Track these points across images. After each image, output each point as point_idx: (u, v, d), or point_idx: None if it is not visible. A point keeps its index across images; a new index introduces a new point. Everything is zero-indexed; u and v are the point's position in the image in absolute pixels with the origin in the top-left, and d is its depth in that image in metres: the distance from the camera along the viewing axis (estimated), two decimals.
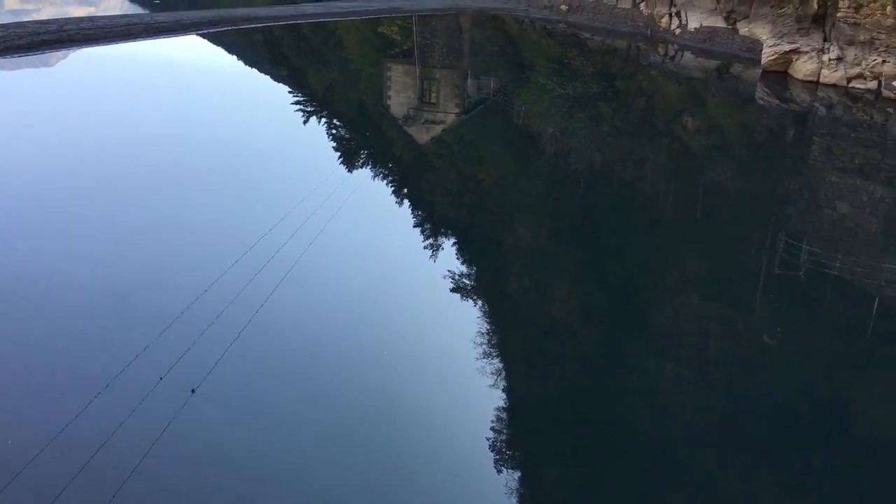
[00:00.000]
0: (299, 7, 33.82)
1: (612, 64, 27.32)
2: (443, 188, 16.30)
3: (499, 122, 20.95)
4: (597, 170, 16.99)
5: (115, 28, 25.95)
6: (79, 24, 25.87)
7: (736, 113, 21.50)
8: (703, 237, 13.60)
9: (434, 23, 34.05)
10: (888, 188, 15.31)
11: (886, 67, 20.24)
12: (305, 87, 24.33)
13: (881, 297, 11.05)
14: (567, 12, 32.92)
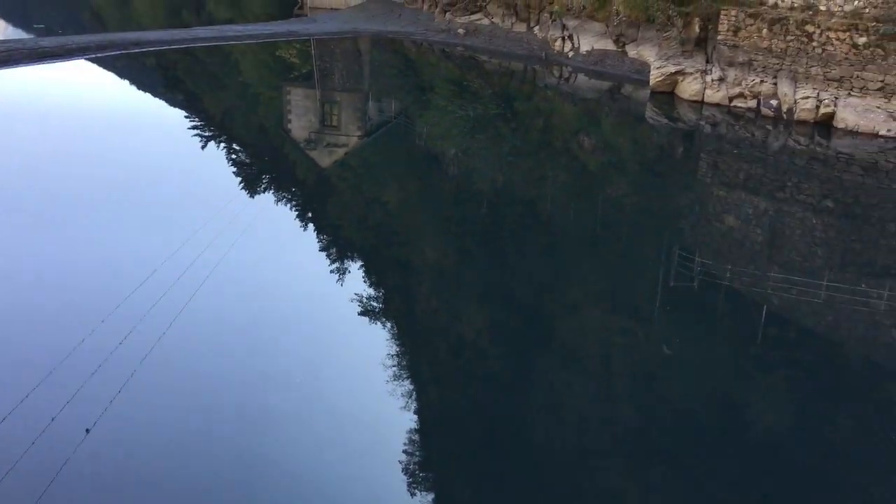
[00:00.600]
0: (192, 31, 33.15)
1: (510, 85, 27.97)
2: (347, 211, 16.26)
3: (401, 143, 21.10)
4: (499, 189, 17.33)
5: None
6: None
7: (628, 132, 22.37)
8: (603, 252, 14.06)
9: (333, 46, 34.03)
10: (770, 201, 16.24)
11: (764, 87, 21.51)
12: (202, 112, 23.83)
13: (769, 305, 11.69)
14: (465, 35, 33.54)
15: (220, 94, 26.09)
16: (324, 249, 13.94)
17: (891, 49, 18.92)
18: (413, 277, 13.26)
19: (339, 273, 12.89)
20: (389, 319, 11.55)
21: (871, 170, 17.55)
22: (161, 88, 26.13)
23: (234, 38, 32.69)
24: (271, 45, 32.76)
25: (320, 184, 18.00)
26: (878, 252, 13.62)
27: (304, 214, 15.74)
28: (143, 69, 28.32)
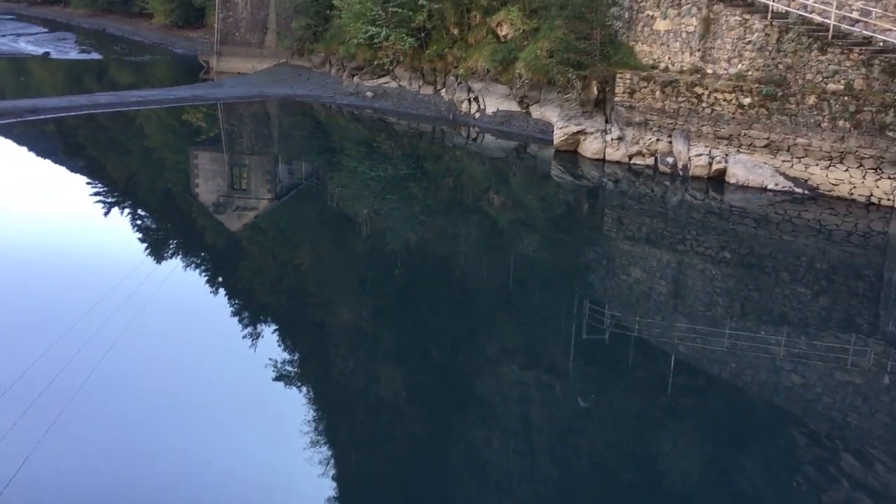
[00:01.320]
0: (93, 97, 32.49)
1: (419, 146, 28.45)
2: (259, 274, 16.05)
3: (313, 205, 21.09)
4: (412, 248, 17.47)
5: None
6: None
7: (535, 189, 23.01)
8: (516, 308, 14.30)
9: (241, 110, 33.93)
10: (673, 253, 16.94)
11: (660, 145, 22.60)
12: (105, 178, 23.23)
13: (676, 354, 12.11)
14: (373, 98, 34.02)
15: (123, 160, 25.53)
16: (236, 314, 13.69)
17: (773, 109, 20.26)
18: (329, 339, 13.14)
19: (252, 338, 12.66)
20: (305, 383, 11.39)
21: (763, 222, 18.57)
22: (61, 155, 25.38)
23: (137, 103, 32.20)
24: (177, 109, 32.41)
25: (230, 248, 17.73)
26: (774, 300, 14.35)
27: (214, 279, 15.45)
28: (41, 136, 27.48)
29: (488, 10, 31.07)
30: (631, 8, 25.24)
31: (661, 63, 23.93)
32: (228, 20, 43.25)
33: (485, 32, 31.19)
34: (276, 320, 13.55)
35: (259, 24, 43.06)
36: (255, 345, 12.39)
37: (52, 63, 47.60)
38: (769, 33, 20.67)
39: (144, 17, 69.01)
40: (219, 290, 14.92)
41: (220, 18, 43.20)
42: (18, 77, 42.61)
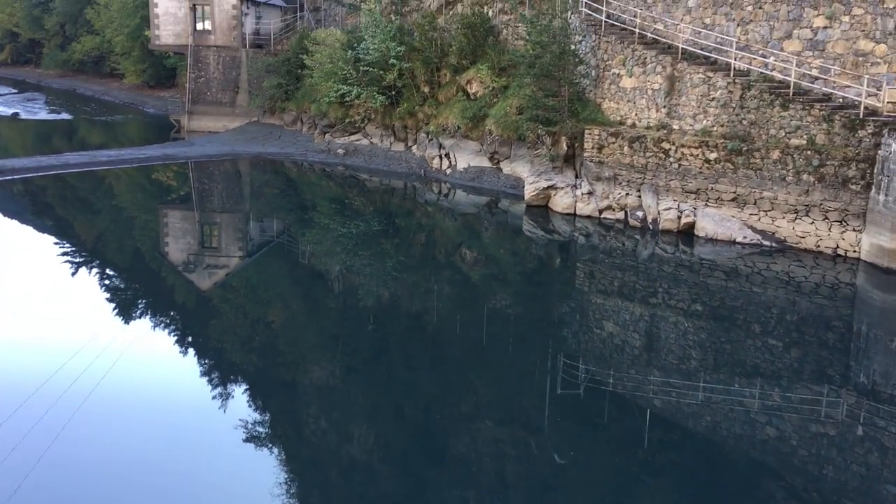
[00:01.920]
0: (61, 156, 32.30)
1: (391, 202, 28.56)
2: (230, 333, 15.81)
3: (284, 263, 20.95)
4: (385, 304, 17.37)
5: None
6: None
7: (508, 244, 23.12)
8: (490, 363, 14.19)
9: (212, 168, 33.91)
10: (645, 307, 17.01)
11: (630, 199, 22.91)
12: (73, 237, 22.94)
13: (651, 408, 12.06)
14: (344, 155, 34.22)
15: (92, 219, 25.28)
16: (206, 374, 13.43)
17: (739, 163, 20.69)
18: (301, 399, 12.91)
19: (222, 398, 12.40)
20: (277, 444, 11.14)
21: (733, 274, 18.77)
22: (28, 216, 25.07)
23: (107, 162, 32.08)
24: (147, 168, 32.33)
25: (200, 306, 17.49)
26: (747, 352, 14.41)
27: (183, 338, 15.19)
28: (8, 197, 27.16)
29: (458, 69, 31.65)
30: (598, 66, 25.84)
31: (629, 119, 24.42)
32: (200, 80, 43.53)
33: (455, 90, 31.70)
34: (248, 379, 13.31)
35: (231, 84, 43.38)
36: (226, 405, 12.14)
37: (20, 123, 47.42)
38: (732, 90, 21.24)
39: (115, 78, 69.32)
40: (189, 349, 14.66)
41: (192, 78, 43.48)
42: None
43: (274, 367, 14.13)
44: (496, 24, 32.23)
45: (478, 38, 31.22)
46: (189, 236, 23.67)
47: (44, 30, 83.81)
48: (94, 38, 70.54)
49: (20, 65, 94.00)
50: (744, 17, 21.92)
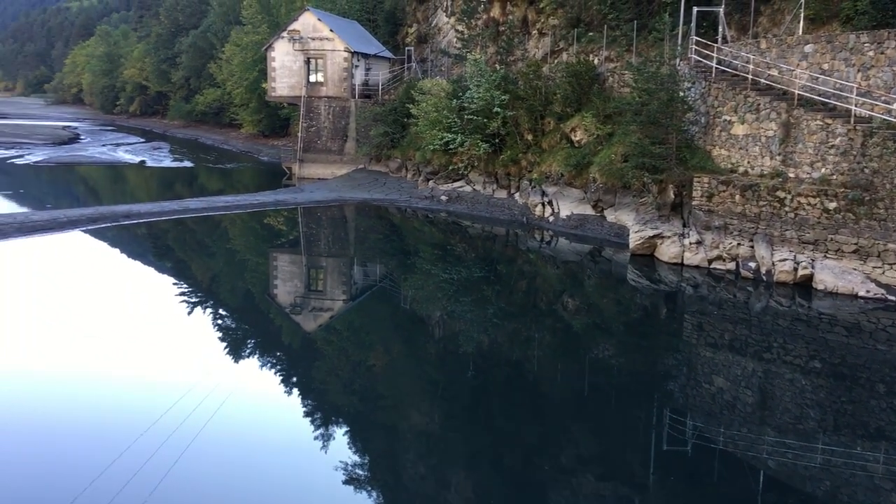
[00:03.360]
0: (182, 202, 34.03)
1: (493, 249, 28.57)
2: (333, 375, 16.03)
3: (387, 307, 21.18)
4: (485, 351, 17.24)
5: None
6: None
7: (611, 293, 22.64)
8: (592, 415, 13.80)
9: (319, 214, 34.94)
10: (758, 362, 16.21)
11: (741, 250, 22.07)
12: (190, 279, 23.98)
13: (765, 469, 11.38)
14: (447, 202, 34.61)
15: (207, 262, 26.39)
16: (308, 415, 13.62)
17: (861, 213, 19.65)
18: (399, 443, 12.88)
19: (323, 439, 12.52)
20: (376, 487, 11.11)
21: (855, 330, 17.70)
22: (150, 257, 26.44)
23: (223, 207, 33.55)
24: (260, 213, 33.60)
25: (305, 348, 17.86)
26: (871, 413, 13.46)
27: (288, 379, 15.49)
28: (133, 239, 28.76)
29: (562, 117, 31.64)
30: (707, 113, 25.28)
31: (740, 167, 23.69)
32: (311, 129, 45.23)
33: (559, 138, 31.68)
34: (348, 421, 13.41)
35: (340, 133, 44.86)
36: (327, 446, 12.24)
37: (147, 171, 50.38)
38: (853, 138, 20.30)
39: (234, 127, 73.02)
40: (293, 389, 14.93)
41: (304, 127, 45.23)
42: (115, 184, 45.15)
43: (374, 410, 14.18)
44: (601, 71, 32.16)
45: (583, 86, 31.20)
46: (296, 279, 24.33)
47: (170, 83, 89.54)
48: (215, 91, 74.76)
49: (148, 116, 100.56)
50: (864, 62, 21.01)
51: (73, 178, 46.89)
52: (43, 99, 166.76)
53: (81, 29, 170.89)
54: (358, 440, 12.68)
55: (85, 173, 48.74)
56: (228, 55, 66.94)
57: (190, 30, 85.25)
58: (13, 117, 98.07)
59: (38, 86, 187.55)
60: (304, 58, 44.94)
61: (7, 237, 24.97)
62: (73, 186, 44.06)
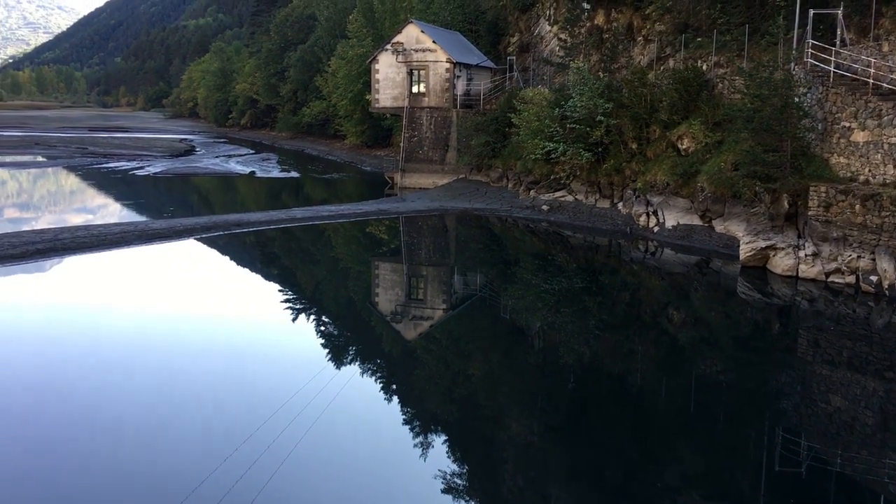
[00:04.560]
0: (290, 211, 35.07)
1: (595, 259, 28.08)
2: (432, 384, 16.08)
3: (486, 317, 21.11)
4: (586, 363, 16.92)
5: (110, 235, 26.66)
6: (74, 233, 26.57)
7: (720, 306, 21.83)
8: (699, 432, 13.29)
9: (420, 223, 35.28)
10: (880, 381, 15.25)
11: (862, 262, 20.86)
12: (295, 286, 24.65)
13: (885, 494, 10.65)
14: (549, 211, 34.29)
15: (312, 269, 27.05)
16: (408, 423, 13.68)
17: None
18: (499, 454, 12.76)
19: (422, 447, 12.53)
20: (474, 497, 11.03)
21: None
22: (259, 264, 27.34)
23: (328, 217, 34.37)
24: (363, 222, 34.24)
25: (405, 356, 17.99)
26: None
27: (388, 386, 15.63)
28: (243, 247, 29.82)
29: (668, 125, 30.87)
30: (824, 119, 24.11)
31: (861, 175, 22.44)
32: (413, 139, 45.81)
33: (664, 146, 30.91)
34: (447, 431, 13.39)
35: (441, 143, 45.24)
36: (426, 454, 12.25)
37: (256, 181, 52.24)
38: None
39: (338, 139, 74.88)
40: (393, 397, 15.04)
41: (406, 138, 45.86)
42: (227, 194, 47.02)
43: (473, 420, 14.12)
44: (710, 77, 31.20)
45: (690, 93, 30.38)
46: (397, 287, 24.61)
47: (279, 96, 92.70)
48: (321, 103, 76.90)
49: (257, 128, 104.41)
50: None
51: (189, 189, 49.11)
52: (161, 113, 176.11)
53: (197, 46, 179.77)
54: (457, 449, 12.64)
55: (199, 184, 50.98)
56: (334, 68, 68.74)
57: (298, 45, 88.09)
58: (134, 131, 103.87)
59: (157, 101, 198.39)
60: (406, 69, 45.61)
61: (129, 244, 26.34)
62: (189, 196, 46.15)
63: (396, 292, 23.93)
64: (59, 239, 25.59)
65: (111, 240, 26.36)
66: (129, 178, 50.85)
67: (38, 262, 23.77)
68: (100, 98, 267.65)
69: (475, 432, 13.57)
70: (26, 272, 23.15)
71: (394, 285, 25.02)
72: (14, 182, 50.24)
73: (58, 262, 24.18)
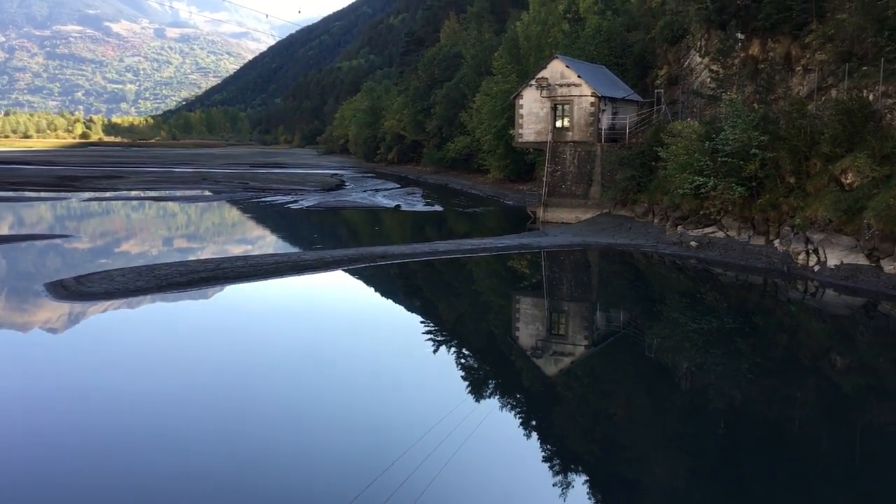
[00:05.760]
0: (432, 244, 35.64)
1: (748, 299, 26.66)
2: (572, 421, 15.67)
3: (629, 355, 20.43)
4: (738, 407, 15.96)
5: (265, 266, 28.12)
6: (234, 263, 28.28)
7: (890, 353, 20.09)
8: (867, 487, 12.17)
9: (562, 258, 34.87)
10: None
11: None
12: (436, 318, 24.91)
13: None
14: (697, 248, 32.99)
15: (453, 302, 27.26)
16: (547, 460, 13.37)
17: None
18: (641, 497, 12.20)
19: (562, 486, 12.19)
20: None
21: None
22: (402, 295, 27.88)
23: (469, 250, 34.63)
24: (504, 257, 34.24)
25: (545, 391, 17.68)
26: None
27: (528, 422, 15.37)
28: (387, 278, 30.55)
29: (830, 158, 29.09)
30: None
31: None
32: (556, 173, 45.59)
33: (826, 180, 29.11)
34: (588, 470, 12.97)
35: (584, 177, 44.75)
36: (566, 494, 11.90)
37: (401, 214, 53.59)
38: None
39: (481, 173, 75.74)
40: (532, 433, 14.76)
41: (549, 172, 45.71)
42: (373, 227, 48.51)
43: (615, 460, 13.61)
44: (877, 108, 29.20)
45: (855, 124, 28.55)
46: (538, 322, 24.34)
47: (424, 132, 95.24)
48: (465, 138, 78.26)
49: (403, 163, 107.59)
50: None
51: (338, 221, 51.07)
52: (315, 150, 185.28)
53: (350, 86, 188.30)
54: (598, 490, 12.20)
55: (348, 216, 52.91)
56: (478, 104, 69.83)
57: (444, 82, 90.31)
58: (290, 166, 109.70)
59: (312, 138, 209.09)
60: (550, 104, 45.61)
61: (282, 274, 27.62)
62: (338, 228, 47.97)
63: (537, 327, 23.66)
64: (221, 268, 27.19)
65: (266, 270, 27.73)
66: (284, 210, 53.53)
67: (202, 289, 25.33)
68: (260, 136, 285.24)
69: (617, 473, 13.07)
70: (192, 298, 24.71)
71: (534, 320, 24.76)
72: (183, 214, 54.07)
73: (219, 289, 25.64)
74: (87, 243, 37.64)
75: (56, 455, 12.82)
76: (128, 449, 13.07)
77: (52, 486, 11.71)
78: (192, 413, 14.84)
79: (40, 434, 13.75)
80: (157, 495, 11.39)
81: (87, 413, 14.84)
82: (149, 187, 70.32)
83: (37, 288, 24.72)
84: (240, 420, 14.49)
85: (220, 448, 13.15)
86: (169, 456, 12.80)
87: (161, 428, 13.94)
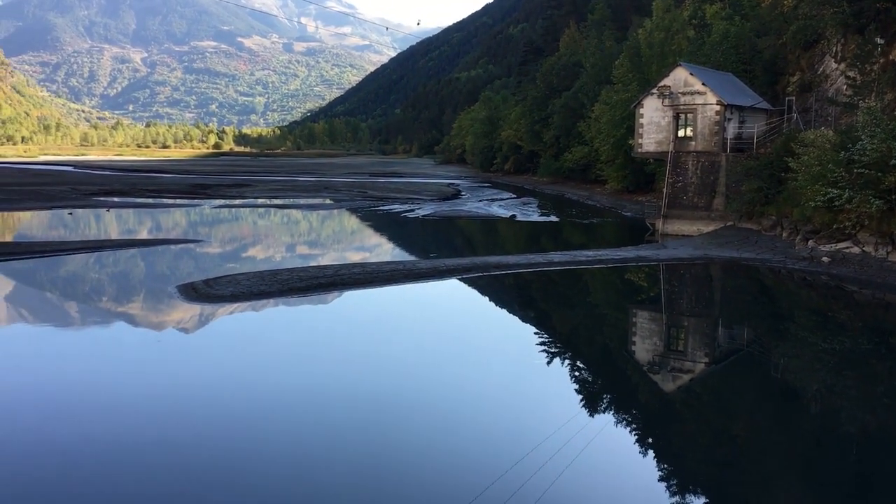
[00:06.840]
0: (547, 255, 35.36)
1: (887, 319, 25.00)
2: (691, 441, 15.15)
3: (753, 374, 19.56)
4: (872, 433, 14.99)
5: (381, 273, 28.74)
6: (351, 270, 29.08)
7: None
8: None
9: (682, 271, 33.83)
10: None
11: None
12: (551, 329, 24.68)
13: None
14: (829, 264, 31.25)
15: (567, 313, 26.95)
16: (664, 479, 12.97)
17: None
18: None
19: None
20: None
21: None
22: (516, 306, 27.81)
23: (585, 262, 34.15)
24: (621, 269, 33.56)
25: (663, 409, 17.17)
26: None
27: (644, 439, 14.97)
28: (502, 288, 30.55)
29: None
30: None
31: None
32: (678, 184, 44.34)
33: None
34: (708, 493, 12.50)
35: (707, 188, 43.31)
36: None
37: (516, 224, 53.51)
38: None
39: (598, 183, 74.71)
40: (647, 451, 14.38)
41: (670, 183, 44.51)
42: (488, 237, 48.66)
43: (737, 484, 13.04)
44: None
45: None
46: (656, 337, 23.70)
47: (541, 142, 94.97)
48: (583, 149, 77.47)
49: (519, 173, 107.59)
50: None
51: (453, 230, 51.54)
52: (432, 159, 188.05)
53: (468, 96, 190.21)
54: None
55: (463, 226, 53.31)
56: (597, 114, 68.95)
57: (562, 92, 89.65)
58: (408, 176, 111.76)
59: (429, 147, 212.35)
60: (672, 113, 44.47)
61: (397, 282, 28.12)
62: (453, 238, 48.41)
63: (654, 342, 23.04)
64: (339, 275, 27.99)
65: (382, 277, 28.31)
66: (401, 219, 54.53)
67: (321, 294, 26.14)
68: (380, 146, 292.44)
69: (737, 498, 12.52)
70: (311, 303, 25.54)
71: (652, 334, 24.12)
72: (306, 222, 56.03)
73: (337, 295, 26.39)
74: (216, 248, 39.61)
75: (201, 446, 13.52)
76: (260, 438, 13.62)
77: (199, 482, 12.34)
78: (316, 410, 15.34)
79: (186, 427, 14.55)
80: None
81: (225, 407, 15.59)
82: (274, 195, 73.39)
83: (170, 290, 26.22)
84: (363, 419, 14.86)
85: (345, 446, 13.51)
86: (303, 447, 13.25)
87: (291, 423, 14.46)
